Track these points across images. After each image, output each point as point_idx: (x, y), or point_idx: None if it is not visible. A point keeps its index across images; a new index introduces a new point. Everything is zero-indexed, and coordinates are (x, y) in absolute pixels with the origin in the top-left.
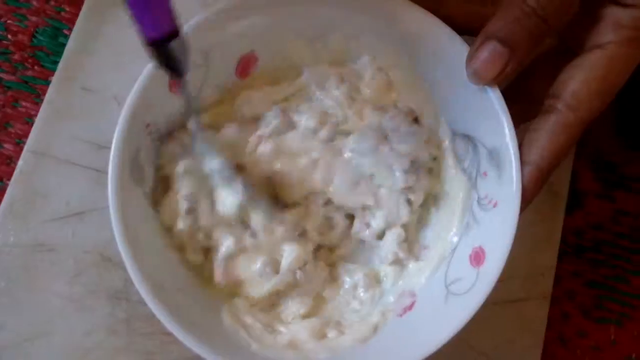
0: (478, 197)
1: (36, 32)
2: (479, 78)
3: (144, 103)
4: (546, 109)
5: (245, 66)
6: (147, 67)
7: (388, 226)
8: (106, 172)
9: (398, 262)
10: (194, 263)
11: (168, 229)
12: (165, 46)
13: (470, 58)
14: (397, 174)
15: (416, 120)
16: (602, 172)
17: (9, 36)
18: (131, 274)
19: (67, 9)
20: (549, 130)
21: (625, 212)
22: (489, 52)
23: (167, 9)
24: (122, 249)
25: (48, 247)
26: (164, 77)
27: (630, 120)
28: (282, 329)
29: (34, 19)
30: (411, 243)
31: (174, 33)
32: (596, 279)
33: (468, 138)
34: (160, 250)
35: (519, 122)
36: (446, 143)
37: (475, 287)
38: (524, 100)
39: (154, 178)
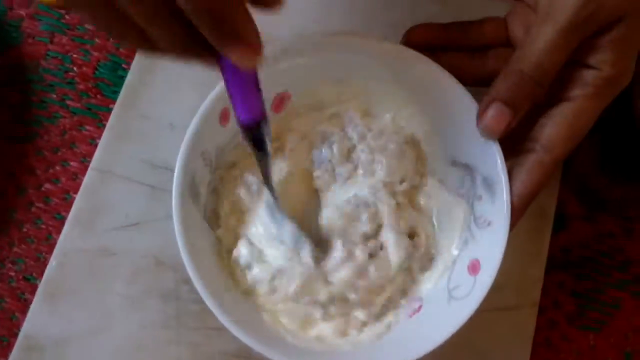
0: (474, 217)
1: (98, 65)
2: (489, 132)
3: (200, 134)
4: (526, 149)
5: (279, 102)
6: (202, 103)
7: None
8: (159, 188)
9: (410, 272)
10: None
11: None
12: (252, 128)
13: (480, 116)
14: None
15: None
16: (585, 197)
17: (75, 68)
18: (191, 274)
19: None
20: (529, 167)
21: (606, 233)
22: (496, 111)
23: (258, 101)
24: (184, 254)
25: (110, 252)
26: (216, 112)
27: (612, 155)
28: (309, 327)
29: (96, 54)
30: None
31: (263, 119)
32: (579, 291)
33: (466, 166)
34: (212, 257)
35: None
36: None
37: (473, 292)
38: (509, 140)
39: (206, 198)
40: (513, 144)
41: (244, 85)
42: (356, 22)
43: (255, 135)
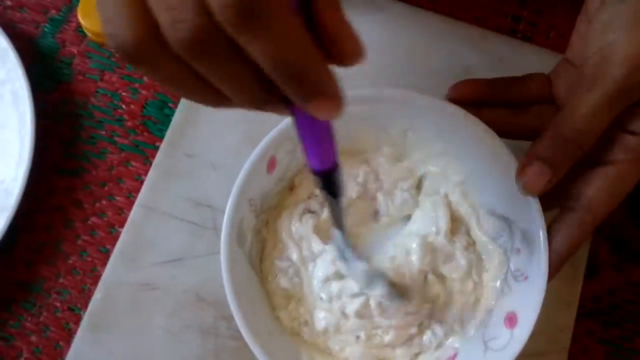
0: (511, 270)
1: (146, 103)
2: (527, 190)
3: (249, 183)
4: (566, 207)
5: None
6: (252, 153)
7: None
8: (202, 226)
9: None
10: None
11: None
12: (326, 175)
13: (519, 174)
14: None
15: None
16: (616, 247)
17: (123, 106)
18: (236, 318)
19: None
20: (568, 225)
21: (636, 282)
22: (536, 170)
23: (332, 149)
24: (230, 297)
25: (152, 287)
26: (264, 160)
27: None
28: None
29: (144, 92)
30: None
31: (335, 167)
32: (607, 338)
33: (505, 219)
34: (256, 300)
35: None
36: (479, 227)
37: (510, 345)
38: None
39: (251, 242)
40: (550, 198)
41: (318, 136)
42: (395, 71)
43: (328, 181)
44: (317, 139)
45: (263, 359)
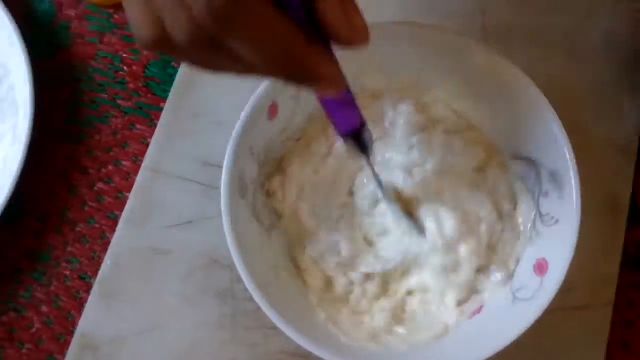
0: (540, 214)
1: (148, 64)
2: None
3: (249, 130)
4: None
5: None
6: (250, 99)
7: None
8: (212, 186)
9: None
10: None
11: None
12: (355, 136)
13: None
14: None
15: None
16: None
17: (125, 68)
18: (241, 273)
19: None
20: None
21: None
22: None
23: (353, 111)
24: (233, 252)
25: (163, 251)
26: (264, 107)
27: None
28: (364, 320)
29: (145, 52)
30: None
31: (361, 126)
32: None
33: (530, 161)
34: (263, 253)
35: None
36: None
37: (540, 293)
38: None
39: (253, 192)
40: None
41: (336, 103)
42: (410, 12)
43: (355, 141)
44: (335, 106)
45: (273, 316)
